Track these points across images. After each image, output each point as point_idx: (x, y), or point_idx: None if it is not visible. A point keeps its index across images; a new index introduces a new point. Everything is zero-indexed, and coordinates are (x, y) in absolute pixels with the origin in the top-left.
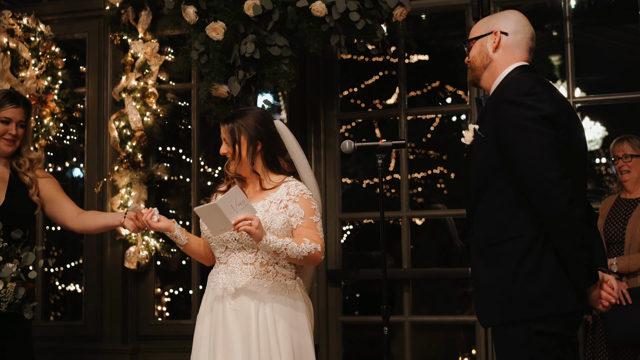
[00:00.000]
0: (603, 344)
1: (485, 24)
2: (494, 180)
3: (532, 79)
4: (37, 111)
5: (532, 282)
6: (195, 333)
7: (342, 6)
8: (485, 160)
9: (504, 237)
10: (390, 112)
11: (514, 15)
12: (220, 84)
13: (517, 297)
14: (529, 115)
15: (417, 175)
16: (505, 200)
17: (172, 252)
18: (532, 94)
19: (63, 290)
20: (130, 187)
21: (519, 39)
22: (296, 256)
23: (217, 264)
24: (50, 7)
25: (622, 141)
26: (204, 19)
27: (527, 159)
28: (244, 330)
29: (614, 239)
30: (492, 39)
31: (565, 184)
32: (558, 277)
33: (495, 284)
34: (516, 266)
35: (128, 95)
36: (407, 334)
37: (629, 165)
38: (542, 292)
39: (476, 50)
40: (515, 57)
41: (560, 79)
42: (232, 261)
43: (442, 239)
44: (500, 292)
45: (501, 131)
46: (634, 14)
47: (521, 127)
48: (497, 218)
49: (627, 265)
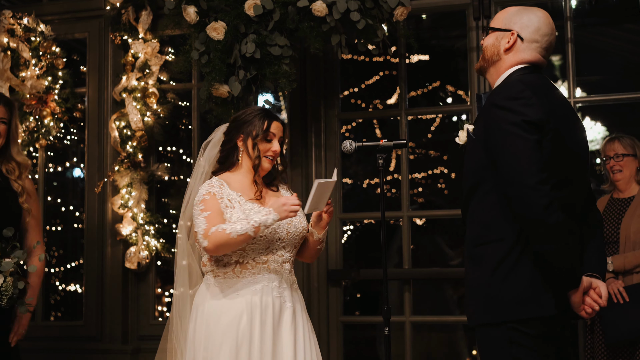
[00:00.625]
0: (601, 344)
1: (508, 17)
2: (483, 181)
3: (523, 83)
4: (38, 111)
5: (509, 285)
6: (228, 330)
7: (343, 6)
8: (476, 161)
9: (488, 238)
10: (390, 112)
11: (538, 20)
12: (221, 84)
13: (495, 299)
14: (512, 120)
15: (418, 175)
16: (490, 201)
17: (173, 252)
18: (519, 98)
19: (63, 291)
20: (130, 187)
21: (533, 47)
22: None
23: (252, 264)
24: (50, 7)
25: (612, 140)
26: (205, 19)
27: (508, 163)
28: (292, 324)
29: (609, 238)
30: (508, 38)
31: (542, 189)
32: (535, 281)
33: (478, 283)
34: (494, 268)
35: (128, 95)
36: (408, 334)
37: (621, 165)
38: (518, 295)
39: (490, 41)
40: (524, 59)
41: (561, 79)
42: (272, 260)
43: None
44: (481, 292)
45: (488, 134)
46: (635, 14)
47: (504, 132)
48: (483, 218)
49: (623, 264)
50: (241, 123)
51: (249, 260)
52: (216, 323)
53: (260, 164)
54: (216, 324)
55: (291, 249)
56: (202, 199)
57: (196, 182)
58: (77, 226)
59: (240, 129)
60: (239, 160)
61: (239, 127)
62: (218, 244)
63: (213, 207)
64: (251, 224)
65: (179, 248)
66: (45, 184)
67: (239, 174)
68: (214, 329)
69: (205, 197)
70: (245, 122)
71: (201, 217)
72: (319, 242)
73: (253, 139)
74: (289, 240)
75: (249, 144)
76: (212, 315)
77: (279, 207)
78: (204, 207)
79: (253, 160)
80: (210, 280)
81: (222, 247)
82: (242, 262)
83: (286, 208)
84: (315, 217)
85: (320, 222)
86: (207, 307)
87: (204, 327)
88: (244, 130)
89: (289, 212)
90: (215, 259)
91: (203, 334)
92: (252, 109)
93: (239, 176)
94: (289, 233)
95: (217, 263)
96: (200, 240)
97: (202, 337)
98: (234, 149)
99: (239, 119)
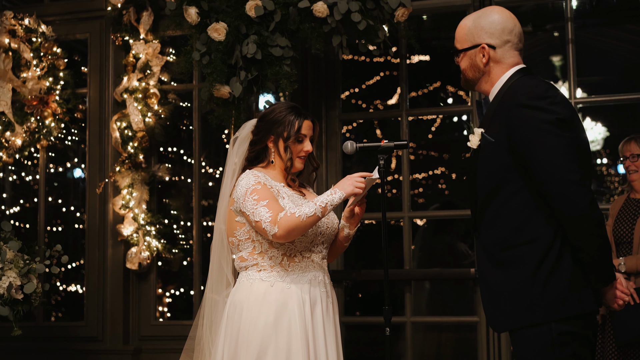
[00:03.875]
0: (612, 343)
1: (470, 32)
2: (507, 183)
3: (544, 82)
4: (39, 112)
5: (552, 284)
6: (279, 326)
7: (344, 7)
8: (496, 164)
9: (519, 240)
10: (391, 113)
11: (498, 18)
12: (222, 85)
13: (538, 299)
14: (546, 119)
15: (419, 175)
16: (520, 203)
17: (174, 253)
18: (547, 97)
19: (64, 291)
20: (131, 187)
21: (508, 48)
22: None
23: (299, 258)
24: (51, 8)
25: (629, 141)
26: (206, 20)
27: (548, 162)
28: (334, 319)
29: (623, 239)
30: (481, 53)
31: (586, 185)
32: (576, 278)
33: (512, 287)
34: (535, 268)
35: (130, 95)
36: (409, 334)
37: (636, 165)
38: (562, 294)
39: (466, 64)
40: (511, 63)
41: (562, 79)
42: (315, 256)
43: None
44: (519, 295)
45: (517, 135)
46: (636, 14)
47: (540, 131)
48: (510, 221)
49: (635, 265)
50: (271, 123)
51: (296, 253)
52: (266, 317)
53: (293, 165)
54: (266, 318)
55: (327, 245)
56: (253, 188)
57: (229, 181)
58: (78, 227)
59: (270, 129)
60: (272, 162)
61: (269, 128)
62: (289, 229)
63: (268, 194)
64: (318, 205)
65: (214, 250)
66: (46, 184)
67: (272, 171)
68: (264, 323)
69: (256, 186)
70: (276, 122)
71: (260, 206)
72: (348, 238)
73: (285, 140)
74: (327, 234)
75: (280, 146)
76: (262, 310)
77: (343, 184)
78: (258, 196)
79: (285, 162)
80: (253, 275)
81: (292, 231)
82: (289, 255)
83: (351, 182)
84: (348, 212)
85: (353, 217)
86: (254, 301)
87: (252, 322)
88: (274, 130)
89: (354, 188)
90: (260, 252)
91: (252, 330)
92: (281, 107)
93: (273, 173)
94: (327, 228)
95: (262, 257)
96: (268, 228)
97: (250, 333)
98: (265, 149)
99: (268, 118)
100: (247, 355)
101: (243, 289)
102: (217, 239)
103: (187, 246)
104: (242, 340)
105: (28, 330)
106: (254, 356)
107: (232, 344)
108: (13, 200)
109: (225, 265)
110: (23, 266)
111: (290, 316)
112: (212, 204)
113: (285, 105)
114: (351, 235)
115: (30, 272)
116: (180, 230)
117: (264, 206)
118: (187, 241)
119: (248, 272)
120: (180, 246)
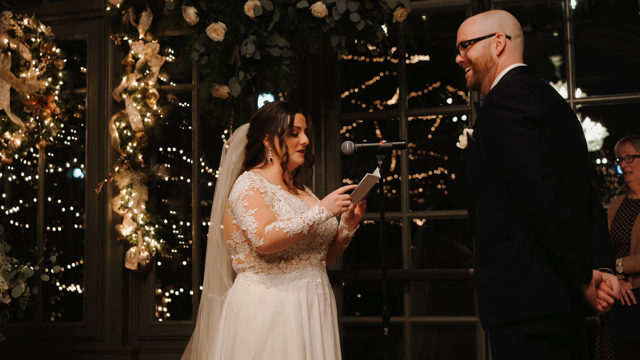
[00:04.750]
0: (610, 344)
1: (484, 24)
2: (487, 183)
3: (520, 81)
4: (38, 112)
5: (522, 283)
6: (275, 328)
7: (343, 7)
8: (478, 164)
9: (498, 238)
10: (390, 113)
11: (509, 17)
12: (221, 85)
13: (507, 298)
14: (512, 118)
15: (418, 176)
16: (497, 202)
17: (173, 253)
18: (517, 96)
19: (64, 291)
20: (130, 187)
21: (519, 42)
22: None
23: (296, 260)
24: (51, 8)
25: (625, 142)
26: (205, 20)
27: (512, 161)
28: (332, 321)
29: (621, 240)
30: (496, 42)
31: (548, 184)
32: (548, 277)
33: (490, 285)
34: (507, 267)
35: (129, 96)
36: (408, 334)
37: (632, 166)
38: (531, 293)
39: (479, 52)
40: (514, 59)
41: (561, 79)
42: (312, 257)
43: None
44: (493, 293)
45: (488, 134)
46: (635, 14)
47: (505, 130)
48: (491, 220)
49: (633, 266)
50: (264, 122)
51: (293, 256)
52: (263, 319)
53: (290, 159)
54: (263, 320)
55: (326, 247)
56: (245, 194)
57: (223, 185)
58: (78, 227)
59: (264, 128)
60: (271, 160)
61: (263, 127)
62: (274, 243)
63: (258, 202)
64: (306, 222)
65: (210, 251)
66: (45, 184)
67: (270, 170)
68: (261, 325)
69: (248, 192)
70: (268, 120)
71: (248, 215)
72: (347, 240)
73: (279, 136)
74: (326, 236)
75: (275, 143)
76: (259, 311)
77: (330, 204)
78: (248, 203)
79: (281, 157)
80: (251, 276)
81: (277, 245)
82: (286, 258)
83: (338, 203)
84: (348, 214)
85: (352, 218)
86: (251, 303)
87: (249, 323)
88: (267, 128)
89: (341, 207)
90: (257, 255)
91: (249, 331)
92: (271, 105)
93: (272, 172)
94: (326, 230)
95: (259, 259)
96: (253, 240)
97: (247, 335)
98: (261, 149)
99: (260, 118)
100: (244, 356)
101: (240, 290)
102: (211, 240)
103: (186, 246)
104: (239, 342)
105: (27, 331)
106: (250, 357)
107: (230, 345)
108: (12, 200)
109: (221, 266)
110: (11, 270)
111: (286, 318)
112: (211, 204)
113: (275, 104)
114: (350, 236)
115: (19, 277)
116: (179, 231)
117: (251, 215)
118: (186, 241)
119: (245, 273)
120: (179, 246)
